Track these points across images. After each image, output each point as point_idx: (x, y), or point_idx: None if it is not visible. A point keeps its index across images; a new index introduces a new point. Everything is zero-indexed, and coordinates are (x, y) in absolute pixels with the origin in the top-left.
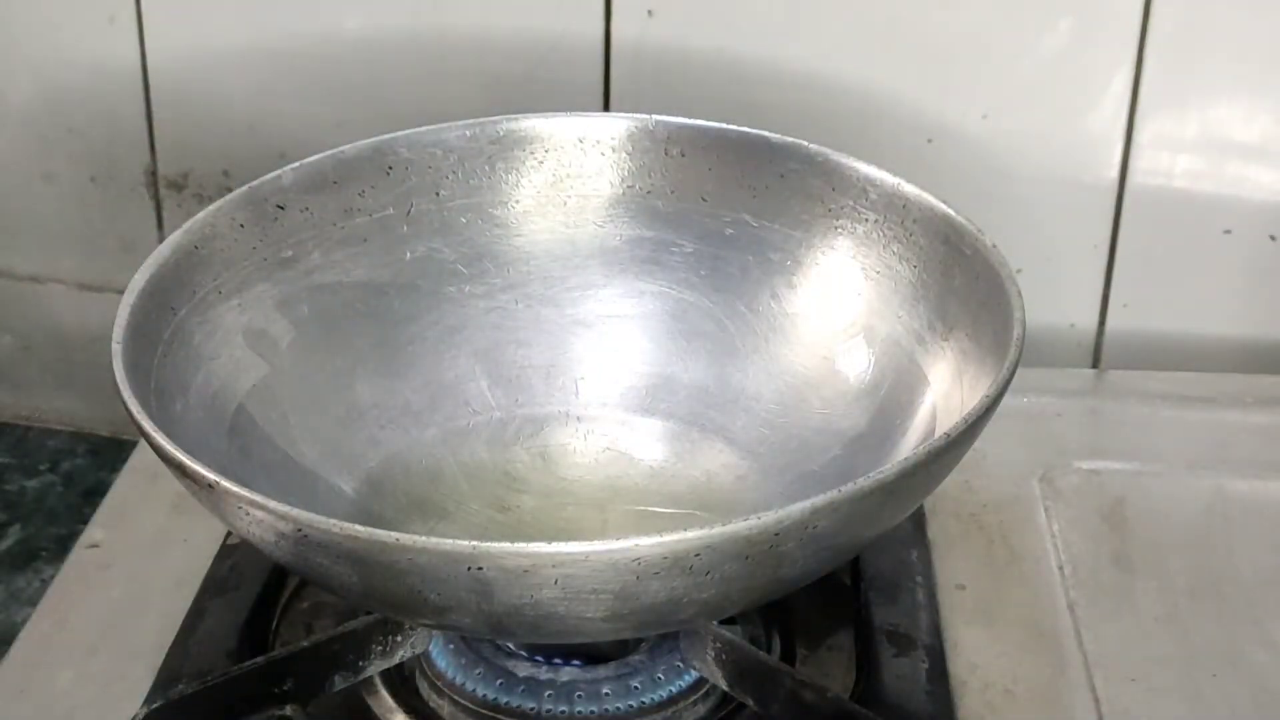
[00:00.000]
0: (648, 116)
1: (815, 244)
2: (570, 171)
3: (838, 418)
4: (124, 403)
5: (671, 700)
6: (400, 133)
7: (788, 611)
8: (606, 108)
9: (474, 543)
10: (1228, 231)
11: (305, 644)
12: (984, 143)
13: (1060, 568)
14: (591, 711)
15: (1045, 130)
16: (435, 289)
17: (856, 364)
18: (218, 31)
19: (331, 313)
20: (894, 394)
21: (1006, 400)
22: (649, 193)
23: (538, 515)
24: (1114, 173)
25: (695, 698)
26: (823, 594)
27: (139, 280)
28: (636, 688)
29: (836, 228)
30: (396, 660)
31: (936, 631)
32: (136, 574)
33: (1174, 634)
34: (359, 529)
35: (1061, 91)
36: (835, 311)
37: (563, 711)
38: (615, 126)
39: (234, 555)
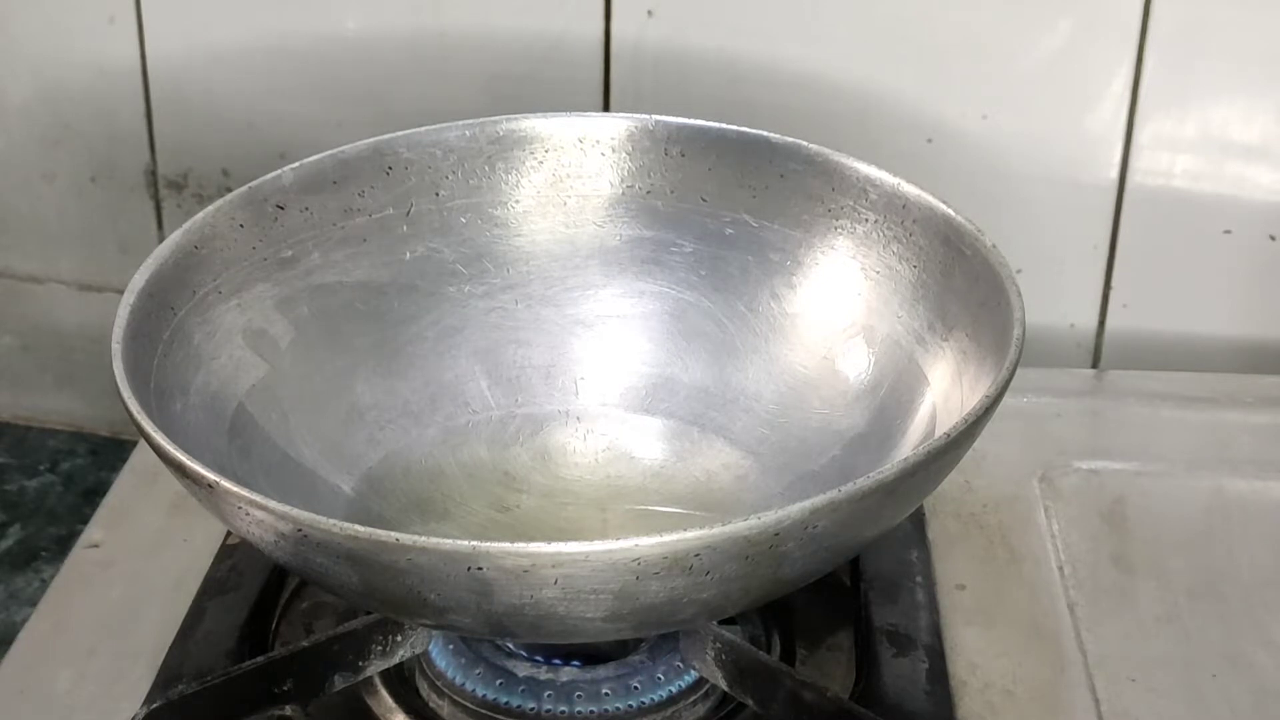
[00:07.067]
0: (648, 116)
1: (815, 244)
2: (570, 171)
3: (838, 418)
4: (124, 403)
5: (671, 700)
6: (400, 133)
7: (788, 611)
8: (606, 108)
9: (474, 543)
10: (1228, 231)
11: (305, 644)
12: (984, 143)
13: (1060, 568)
14: (591, 711)
15: (1045, 130)
16: (435, 289)
17: (856, 364)
18: (218, 31)
19: (331, 313)
20: (894, 394)
21: (1006, 400)
22: (649, 193)
23: (538, 515)
24: (1114, 173)
25: (695, 698)
26: (823, 594)
27: (139, 280)
28: (636, 688)
29: (836, 228)
30: (396, 660)
31: (936, 631)
32: (136, 574)
33: (1174, 634)
34: (359, 529)
35: (1061, 91)
36: (835, 311)
37: (563, 711)
38: (615, 126)
39: (234, 555)
